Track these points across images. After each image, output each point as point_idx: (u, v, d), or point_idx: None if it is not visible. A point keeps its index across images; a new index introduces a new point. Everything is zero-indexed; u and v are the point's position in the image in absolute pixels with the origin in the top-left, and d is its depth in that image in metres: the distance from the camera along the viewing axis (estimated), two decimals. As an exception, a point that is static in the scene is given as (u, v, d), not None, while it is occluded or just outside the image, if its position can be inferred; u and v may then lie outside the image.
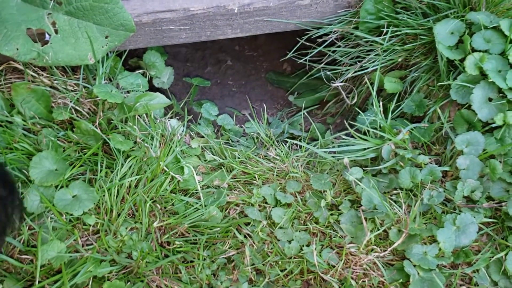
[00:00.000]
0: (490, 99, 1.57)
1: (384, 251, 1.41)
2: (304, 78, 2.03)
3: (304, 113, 1.94)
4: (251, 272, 1.41)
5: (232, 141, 1.88)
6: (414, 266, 1.36)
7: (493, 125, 1.54)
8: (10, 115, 1.50)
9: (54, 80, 1.60)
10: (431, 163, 1.59)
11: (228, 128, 1.88)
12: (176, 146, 1.54)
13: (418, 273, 1.35)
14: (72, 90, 1.61)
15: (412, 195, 1.52)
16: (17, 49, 1.48)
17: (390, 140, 1.60)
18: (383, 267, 1.39)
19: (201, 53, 2.42)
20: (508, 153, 1.52)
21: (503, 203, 1.46)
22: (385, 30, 1.75)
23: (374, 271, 1.38)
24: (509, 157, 1.51)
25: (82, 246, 1.36)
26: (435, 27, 1.65)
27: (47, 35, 1.54)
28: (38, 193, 1.35)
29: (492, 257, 1.40)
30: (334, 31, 1.86)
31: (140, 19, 1.66)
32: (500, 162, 1.51)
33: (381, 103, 1.68)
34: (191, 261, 1.41)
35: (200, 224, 1.44)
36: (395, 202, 1.50)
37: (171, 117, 1.80)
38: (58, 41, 1.54)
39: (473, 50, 1.61)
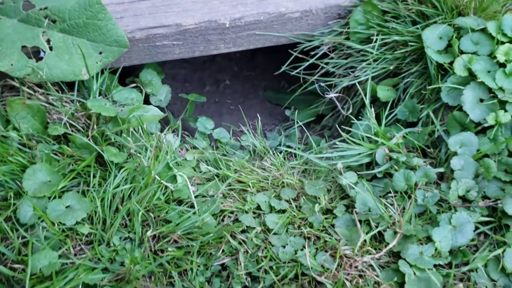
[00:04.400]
0: (481, 100, 1.57)
1: (380, 252, 1.39)
2: (299, 91, 2.05)
3: (301, 126, 1.94)
4: (246, 278, 1.39)
5: (229, 153, 1.89)
6: (410, 266, 1.33)
7: (486, 125, 1.54)
8: (5, 130, 1.53)
9: (50, 96, 1.63)
10: (426, 166, 1.58)
11: (224, 142, 1.89)
12: (167, 154, 1.55)
13: (414, 273, 1.32)
14: (67, 106, 1.63)
15: (407, 197, 1.50)
16: (12, 64, 1.51)
17: (384, 144, 1.60)
18: (379, 268, 1.36)
19: (199, 74, 2.46)
20: (502, 152, 1.50)
21: (499, 201, 1.44)
22: (374, 38, 1.78)
23: (369, 271, 1.35)
24: (503, 155, 1.50)
25: (75, 255, 1.36)
26: (423, 33, 1.67)
27: (41, 52, 1.58)
28: (32, 203, 1.36)
29: (490, 255, 1.37)
30: (325, 43, 1.89)
31: (134, 35, 1.70)
32: (495, 161, 1.49)
33: (373, 109, 1.69)
34: (184, 269, 1.39)
35: (193, 231, 1.43)
36: (390, 204, 1.49)
37: (168, 133, 1.82)
38: (53, 57, 1.58)
39: (462, 53, 1.62)
